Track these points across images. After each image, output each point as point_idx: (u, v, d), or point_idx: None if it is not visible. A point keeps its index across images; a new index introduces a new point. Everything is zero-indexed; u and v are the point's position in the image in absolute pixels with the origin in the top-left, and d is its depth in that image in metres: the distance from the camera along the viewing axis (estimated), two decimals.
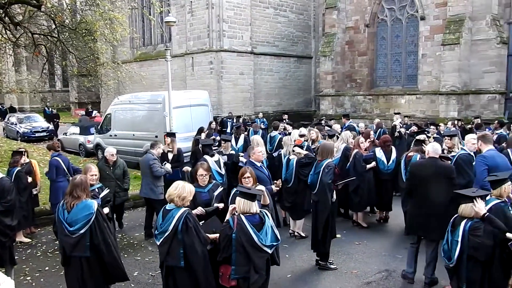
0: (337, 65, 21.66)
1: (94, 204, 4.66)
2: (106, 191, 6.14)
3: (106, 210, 5.43)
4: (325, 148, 6.74)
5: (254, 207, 4.41)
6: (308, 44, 25.89)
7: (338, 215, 8.83)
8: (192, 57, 22.24)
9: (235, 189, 4.91)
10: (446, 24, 17.73)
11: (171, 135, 9.39)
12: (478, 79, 17.56)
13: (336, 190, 6.88)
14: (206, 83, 21.24)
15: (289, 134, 10.23)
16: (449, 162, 6.66)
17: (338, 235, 7.26)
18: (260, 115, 19.68)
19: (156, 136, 12.72)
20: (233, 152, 8.84)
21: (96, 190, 5.98)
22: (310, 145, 9.38)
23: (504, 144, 8.22)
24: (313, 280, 6.29)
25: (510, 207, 4.75)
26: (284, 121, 15.68)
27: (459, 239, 4.23)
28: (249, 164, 6.48)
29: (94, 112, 27.58)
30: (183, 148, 10.59)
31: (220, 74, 21.50)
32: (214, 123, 13.77)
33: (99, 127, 16.49)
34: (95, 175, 6.10)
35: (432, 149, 5.99)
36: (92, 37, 13.41)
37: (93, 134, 17.07)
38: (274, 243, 4.44)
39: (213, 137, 11.31)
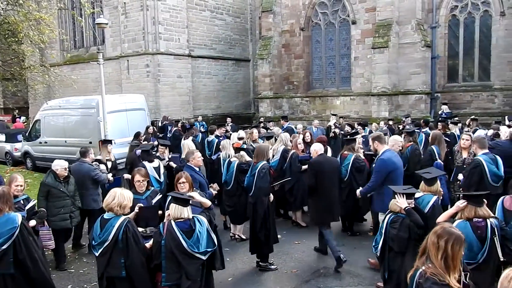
0: (274, 68, 21.98)
1: (18, 217, 4.37)
2: (32, 203, 5.78)
3: (32, 222, 5.11)
4: (260, 150, 6.81)
5: (186, 212, 4.33)
6: (246, 47, 26.07)
7: (278, 216, 8.96)
8: (128, 60, 21.60)
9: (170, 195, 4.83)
10: (375, 28, 18.58)
11: (107, 142, 8.99)
12: (406, 81, 18.55)
13: (273, 191, 6.97)
14: (142, 86, 20.72)
15: (229, 137, 10.24)
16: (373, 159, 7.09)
17: (278, 236, 7.35)
18: (199, 118, 19.52)
19: (90, 142, 12.22)
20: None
21: (21, 202, 5.60)
22: (250, 146, 9.45)
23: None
24: (255, 282, 6.32)
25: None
26: (227, 124, 15.65)
27: (383, 231, 4.48)
28: (188, 169, 6.39)
29: (22, 118, 25.97)
30: (119, 154, 10.26)
31: (157, 77, 21.06)
32: (151, 127, 13.46)
33: (27, 134, 15.57)
34: (21, 185, 5.72)
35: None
36: (16, 39, 12.63)
37: (20, 141, 16.09)
38: (209, 249, 4.36)
39: (151, 142, 11.03)
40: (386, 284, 4.61)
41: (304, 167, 8.21)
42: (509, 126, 10.18)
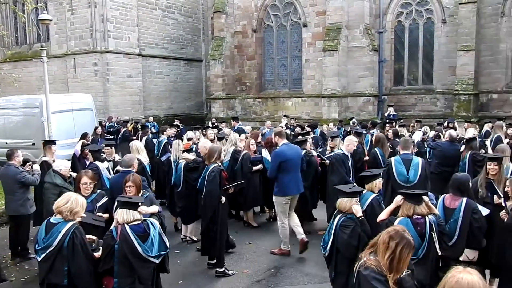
0: (227, 69, 21.96)
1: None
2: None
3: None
4: (212, 151, 6.69)
5: (138, 215, 4.26)
6: (198, 47, 25.87)
7: (230, 217, 8.93)
8: (74, 58, 20.82)
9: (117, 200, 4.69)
10: (325, 31, 19.01)
11: (50, 142, 8.56)
12: (355, 83, 19.13)
13: (227, 194, 6.95)
14: (90, 86, 20.04)
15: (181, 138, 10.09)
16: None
17: (230, 237, 7.33)
18: (151, 118, 19.09)
19: (33, 144, 11.68)
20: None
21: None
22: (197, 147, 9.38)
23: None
24: (205, 284, 6.26)
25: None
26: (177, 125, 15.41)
27: (332, 232, 4.49)
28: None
29: None
30: (65, 156, 9.84)
31: (106, 77, 20.45)
32: (99, 128, 13.05)
33: None
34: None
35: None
36: None
37: None
38: (162, 252, 4.31)
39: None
40: (333, 284, 4.64)
41: (256, 168, 8.25)
42: (450, 128, 10.74)
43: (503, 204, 4.98)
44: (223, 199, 6.62)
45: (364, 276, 3.09)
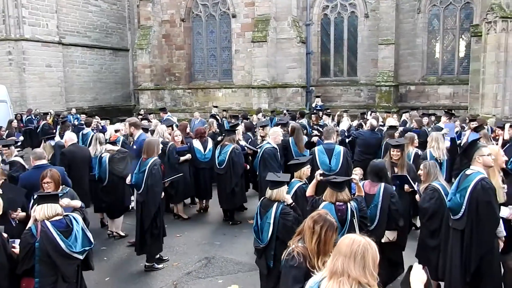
0: (154, 59, 21.35)
1: None
2: None
3: None
4: (150, 145, 6.40)
5: (59, 209, 4.03)
6: (124, 36, 24.88)
7: None
8: None
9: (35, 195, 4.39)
10: (254, 22, 19.10)
11: None
12: (283, 74, 19.46)
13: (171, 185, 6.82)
14: (4, 76, 18.56)
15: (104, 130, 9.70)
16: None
17: None
18: (73, 110, 18.16)
19: None
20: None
21: None
22: (126, 140, 9.09)
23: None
24: (134, 279, 6.10)
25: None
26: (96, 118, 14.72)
27: (271, 221, 4.49)
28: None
29: None
30: None
31: (22, 66, 19.03)
32: (15, 121, 12.15)
33: None
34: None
35: None
36: None
37: None
38: (87, 248, 4.13)
39: (14, 137, 9.95)
40: (269, 273, 4.59)
41: (183, 158, 8.12)
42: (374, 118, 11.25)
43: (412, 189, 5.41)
44: (162, 194, 6.49)
45: (285, 271, 3.21)
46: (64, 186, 5.10)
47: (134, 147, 7.40)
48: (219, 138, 10.02)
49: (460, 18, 18.40)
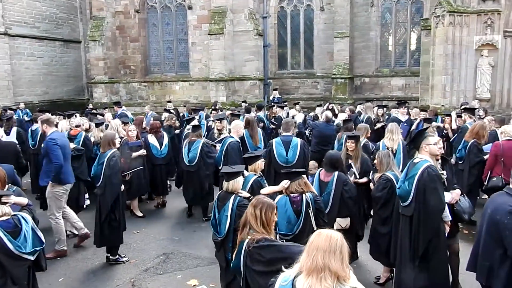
0: (108, 51, 20.72)
1: None
2: None
3: None
4: (106, 138, 6.44)
5: (6, 209, 3.86)
6: (75, 27, 23.93)
7: None
8: None
9: None
10: (211, 15, 18.92)
11: None
12: (241, 67, 19.41)
13: (124, 180, 6.68)
14: None
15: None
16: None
17: None
18: (22, 105, 17.31)
19: None
20: None
21: None
22: (88, 136, 8.83)
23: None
24: (88, 279, 5.94)
25: (265, 181, 5.49)
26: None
27: (229, 214, 4.48)
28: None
29: None
30: None
31: None
32: None
33: None
34: None
35: None
36: None
37: None
38: (38, 248, 3.98)
39: None
40: (228, 266, 4.50)
41: (136, 154, 7.92)
42: (329, 110, 11.45)
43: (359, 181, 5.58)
44: (122, 186, 6.42)
45: (259, 247, 3.29)
46: (10, 185, 4.87)
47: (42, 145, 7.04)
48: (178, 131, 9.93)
49: (411, 12, 19.04)
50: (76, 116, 10.47)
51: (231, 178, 4.58)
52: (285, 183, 4.69)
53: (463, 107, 10.71)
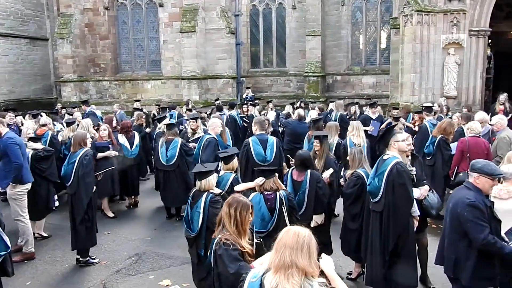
0: (77, 49, 20.23)
1: None
2: None
3: None
4: (76, 138, 6.35)
5: None
6: (42, 24, 23.22)
7: None
8: None
9: None
10: (182, 12, 18.72)
11: None
12: (214, 65, 19.29)
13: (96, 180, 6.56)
14: None
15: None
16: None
17: None
18: None
19: None
20: None
21: None
22: (55, 135, 8.64)
23: None
24: (58, 282, 5.82)
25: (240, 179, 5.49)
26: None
27: (201, 210, 4.49)
28: None
29: None
30: None
31: None
32: None
33: None
34: None
35: None
36: None
37: None
38: (2, 253, 3.88)
39: None
40: (200, 262, 4.60)
41: (101, 154, 7.74)
42: (301, 108, 11.53)
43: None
44: (93, 186, 6.32)
45: (220, 256, 3.24)
46: None
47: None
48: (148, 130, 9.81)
49: (381, 11, 19.35)
50: (41, 116, 10.20)
51: (203, 177, 4.56)
52: (260, 180, 4.70)
53: (423, 105, 11.04)
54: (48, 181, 7.03)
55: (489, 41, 16.06)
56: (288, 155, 7.21)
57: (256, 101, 13.92)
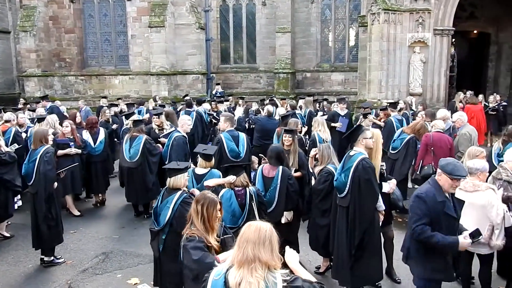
0: (41, 42, 19.58)
1: None
2: None
3: None
4: (36, 135, 6.16)
5: None
6: (4, 16, 22.38)
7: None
8: None
9: None
10: (151, 7, 18.43)
11: None
12: (183, 61, 19.09)
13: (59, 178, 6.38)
14: None
15: None
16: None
17: None
18: None
19: None
20: None
21: None
22: (18, 132, 8.34)
23: None
24: (21, 283, 5.63)
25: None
26: None
27: (171, 206, 4.43)
28: None
29: None
30: None
31: None
32: None
33: None
34: None
35: None
36: None
37: None
38: None
39: None
40: (160, 256, 4.55)
41: (62, 152, 7.49)
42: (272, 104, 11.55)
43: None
44: (55, 184, 6.12)
45: (184, 247, 3.27)
46: None
47: None
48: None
49: (349, 9, 19.66)
50: (2, 111, 9.85)
51: (174, 174, 4.50)
52: (232, 178, 4.69)
53: (388, 102, 11.35)
54: (7, 188, 6.76)
55: (453, 40, 16.56)
56: (260, 154, 7.24)
57: (229, 98, 13.89)
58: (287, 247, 2.65)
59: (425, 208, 3.77)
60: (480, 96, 14.26)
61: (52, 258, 6.09)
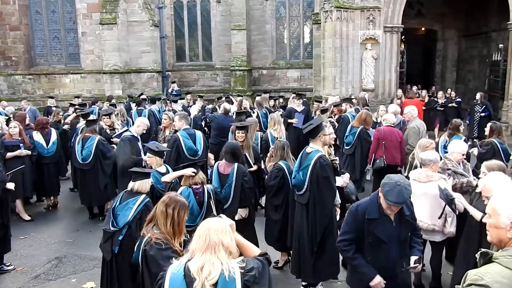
0: None
1: None
2: None
3: None
4: None
5: None
6: None
7: None
8: None
9: None
10: (102, 3, 17.90)
11: None
12: (137, 59, 18.67)
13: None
14: None
15: None
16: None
17: None
18: None
19: None
20: None
21: None
22: None
23: None
24: None
25: None
26: None
27: (134, 208, 4.31)
28: None
29: None
30: None
31: None
32: None
33: None
34: None
35: None
36: None
37: None
38: None
39: None
40: (112, 258, 4.39)
41: (11, 154, 7.16)
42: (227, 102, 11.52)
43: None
44: (9, 185, 5.83)
45: (152, 257, 3.15)
46: None
47: None
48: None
49: (303, 6, 19.94)
50: None
51: (139, 178, 4.39)
52: (191, 170, 4.64)
53: (342, 97, 11.61)
54: None
55: (402, 37, 17.16)
56: (213, 154, 7.24)
57: (188, 96, 13.75)
58: (222, 215, 2.68)
59: (352, 224, 3.54)
60: (424, 92, 14.83)
61: (1, 265, 5.82)
